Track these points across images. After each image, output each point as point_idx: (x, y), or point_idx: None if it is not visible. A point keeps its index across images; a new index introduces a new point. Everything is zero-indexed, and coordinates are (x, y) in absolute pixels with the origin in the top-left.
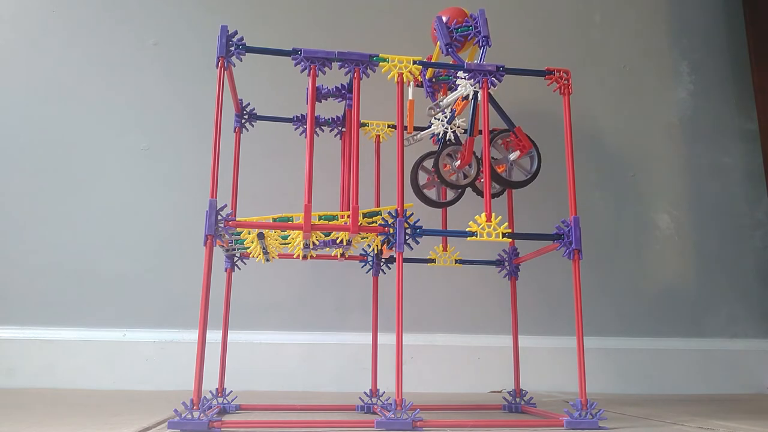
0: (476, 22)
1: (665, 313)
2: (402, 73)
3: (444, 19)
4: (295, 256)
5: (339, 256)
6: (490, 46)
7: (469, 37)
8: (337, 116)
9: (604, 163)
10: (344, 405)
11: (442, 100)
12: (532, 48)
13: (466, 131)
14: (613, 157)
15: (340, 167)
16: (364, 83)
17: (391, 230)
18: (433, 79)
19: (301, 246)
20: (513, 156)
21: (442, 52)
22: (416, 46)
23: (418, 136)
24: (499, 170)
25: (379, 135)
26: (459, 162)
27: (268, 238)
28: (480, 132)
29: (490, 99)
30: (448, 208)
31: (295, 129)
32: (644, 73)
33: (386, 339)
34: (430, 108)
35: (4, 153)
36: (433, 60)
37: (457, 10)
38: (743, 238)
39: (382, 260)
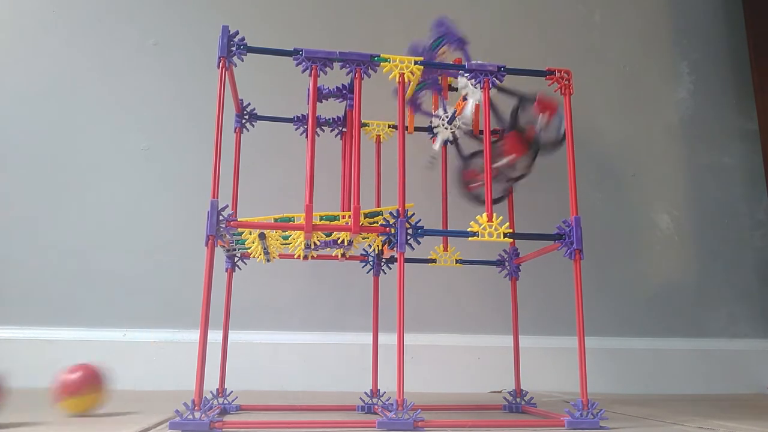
0: (443, 29)
1: (665, 313)
2: (403, 74)
3: (417, 47)
4: (296, 257)
5: (340, 256)
6: (468, 43)
7: (443, 44)
8: (338, 116)
9: (604, 163)
10: (345, 405)
11: (463, 115)
12: (532, 48)
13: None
14: (613, 157)
15: (341, 167)
16: (365, 83)
17: (393, 230)
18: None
19: (302, 246)
20: (542, 119)
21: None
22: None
23: (435, 150)
24: (529, 135)
25: (380, 135)
26: (509, 157)
27: (269, 239)
28: (515, 126)
29: (500, 89)
30: (447, 208)
31: (296, 129)
32: (644, 73)
33: (387, 339)
34: (458, 127)
35: (3, 153)
36: (411, 87)
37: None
38: (743, 238)
39: (383, 260)
